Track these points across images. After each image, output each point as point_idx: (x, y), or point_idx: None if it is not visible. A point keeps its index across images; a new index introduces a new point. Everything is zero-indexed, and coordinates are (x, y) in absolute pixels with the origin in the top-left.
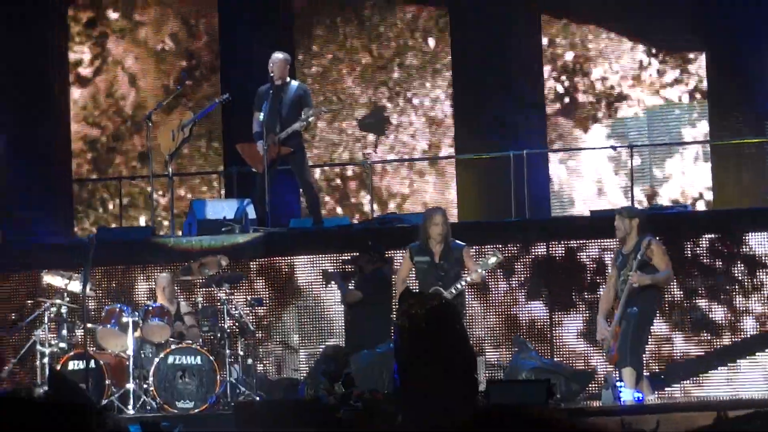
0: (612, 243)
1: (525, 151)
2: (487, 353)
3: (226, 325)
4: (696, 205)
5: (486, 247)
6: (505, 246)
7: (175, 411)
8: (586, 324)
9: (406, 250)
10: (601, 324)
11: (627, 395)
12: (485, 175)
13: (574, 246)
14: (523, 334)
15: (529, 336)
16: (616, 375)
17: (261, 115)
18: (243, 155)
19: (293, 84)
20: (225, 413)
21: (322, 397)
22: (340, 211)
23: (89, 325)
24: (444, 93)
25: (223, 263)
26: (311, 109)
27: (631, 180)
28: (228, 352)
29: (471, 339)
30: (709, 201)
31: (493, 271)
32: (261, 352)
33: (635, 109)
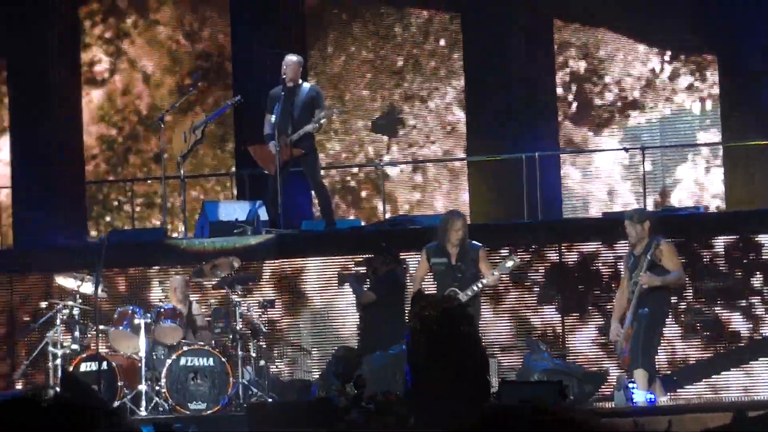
0: (624, 245)
1: (537, 153)
2: (497, 356)
3: (238, 327)
4: (708, 208)
5: (501, 251)
6: (518, 248)
7: (188, 412)
8: (599, 328)
9: (422, 251)
10: (614, 326)
11: (639, 397)
12: (497, 177)
13: (585, 248)
14: (535, 338)
15: (541, 339)
16: (629, 376)
17: (273, 117)
18: (255, 157)
19: (305, 86)
20: (237, 415)
21: (333, 399)
22: (353, 215)
23: (101, 327)
24: (456, 96)
25: (236, 265)
26: (323, 111)
27: (644, 183)
28: (240, 353)
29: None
30: (721, 207)
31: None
32: (273, 354)
33: (648, 114)
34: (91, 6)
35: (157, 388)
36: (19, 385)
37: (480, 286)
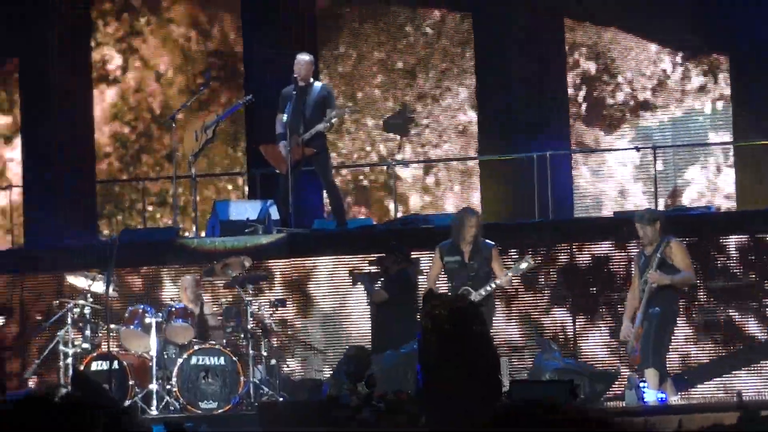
0: (635, 246)
1: (549, 153)
2: (508, 356)
3: (249, 326)
4: (720, 208)
5: (511, 251)
6: (529, 248)
7: (199, 411)
8: (611, 329)
9: (436, 250)
10: (625, 324)
11: (650, 396)
12: (509, 177)
13: (597, 249)
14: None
15: (552, 340)
16: (639, 376)
17: (285, 117)
18: (266, 156)
19: (317, 85)
20: (248, 414)
21: (344, 398)
22: (364, 212)
23: (113, 326)
24: (468, 96)
25: (247, 264)
26: (335, 110)
27: (655, 183)
28: (251, 352)
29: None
30: (731, 207)
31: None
32: (284, 353)
33: (659, 115)
34: (104, 5)
35: (168, 387)
36: (31, 384)
37: (493, 286)
